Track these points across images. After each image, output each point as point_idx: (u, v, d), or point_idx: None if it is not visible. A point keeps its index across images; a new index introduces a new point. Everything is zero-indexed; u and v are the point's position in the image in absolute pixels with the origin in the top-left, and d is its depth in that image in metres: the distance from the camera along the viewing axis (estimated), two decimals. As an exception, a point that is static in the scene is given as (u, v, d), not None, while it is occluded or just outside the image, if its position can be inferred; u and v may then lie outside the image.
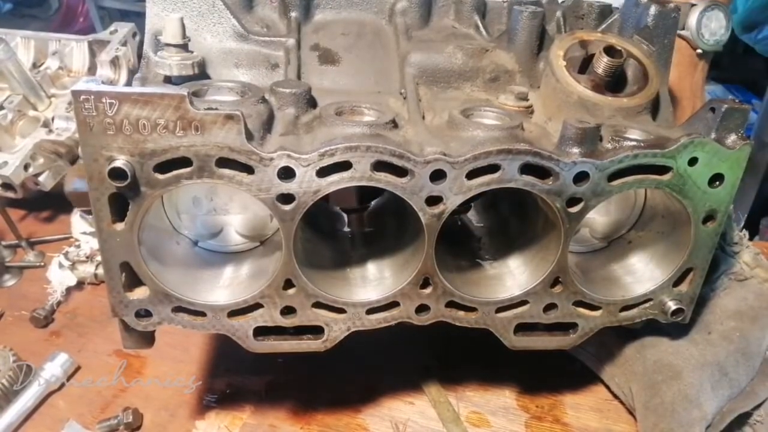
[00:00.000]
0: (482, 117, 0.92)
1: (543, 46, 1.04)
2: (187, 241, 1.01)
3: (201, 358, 1.22)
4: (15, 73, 1.49)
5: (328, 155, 0.78)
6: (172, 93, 0.72)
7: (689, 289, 0.99)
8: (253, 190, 0.79)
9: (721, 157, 0.85)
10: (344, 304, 0.92)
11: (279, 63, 1.00)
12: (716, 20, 1.34)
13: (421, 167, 0.80)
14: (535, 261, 0.98)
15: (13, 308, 1.35)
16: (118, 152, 0.75)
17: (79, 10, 4.61)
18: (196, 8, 0.98)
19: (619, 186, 0.86)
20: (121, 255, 0.83)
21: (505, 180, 0.83)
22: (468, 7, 1.09)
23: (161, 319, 0.89)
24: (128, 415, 1.07)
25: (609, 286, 1.00)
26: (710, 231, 0.92)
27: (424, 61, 1.01)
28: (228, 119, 0.74)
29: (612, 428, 1.12)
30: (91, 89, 0.71)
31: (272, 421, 1.11)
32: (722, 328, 1.09)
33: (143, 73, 0.95)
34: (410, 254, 0.94)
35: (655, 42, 1.02)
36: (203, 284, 0.93)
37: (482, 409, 1.15)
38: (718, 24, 1.35)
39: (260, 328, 0.92)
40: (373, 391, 1.17)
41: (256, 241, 1.04)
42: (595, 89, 0.96)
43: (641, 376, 1.07)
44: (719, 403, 1.02)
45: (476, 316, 0.96)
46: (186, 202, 0.99)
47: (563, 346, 1.03)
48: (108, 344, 1.26)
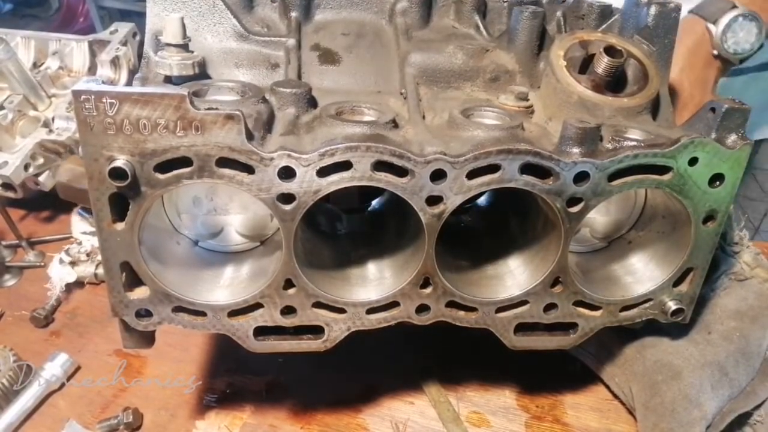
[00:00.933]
0: (482, 117, 0.92)
1: (543, 46, 1.04)
2: (188, 241, 1.01)
3: (201, 358, 1.22)
4: (15, 73, 1.49)
5: (329, 155, 0.78)
6: (172, 93, 0.72)
7: (689, 289, 0.99)
8: (253, 189, 0.79)
9: (721, 157, 0.85)
10: (344, 304, 0.92)
11: (279, 63, 1.00)
12: (746, 31, 1.28)
13: (421, 167, 0.80)
14: (535, 261, 0.98)
15: (13, 308, 1.35)
16: (119, 152, 0.75)
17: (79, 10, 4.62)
18: (196, 8, 0.98)
19: (620, 186, 0.86)
20: (121, 255, 0.83)
21: (506, 180, 0.83)
22: (468, 7, 1.09)
23: (161, 319, 0.89)
24: (128, 415, 1.07)
25: (609, 286, 1.00)
26: (710, 231, 0.92)
27: (425, 61, 1.01)
28: (228, 119, 0.74)
29: (612, 428, 1.12)
30: (91, 89, 0.71)
31: (272, 420, 1.11)
32: (722, 328, 1.09)
33: (143, 72, 0.94)
34: (410, 254, 0.94)
35: (655, 42, 1.02)
36: (203, 284, 0.93)
37: (482, 409, 1.15)
38: (747, 36, 1.29)
39: (260, 327, 0.92)
40: (373, 391, 1.17)
41: (257, 241, 1.04)
42: (596, 89, 0.96)
43: (641, 376, 1.07)
44: (719, 403, 1.02)
45: (476, 316, 0.96)
46: (186, 201, 0.99)
47: (563, 346, 1.03)
48: (108, 344, 1.26)
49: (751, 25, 1.28)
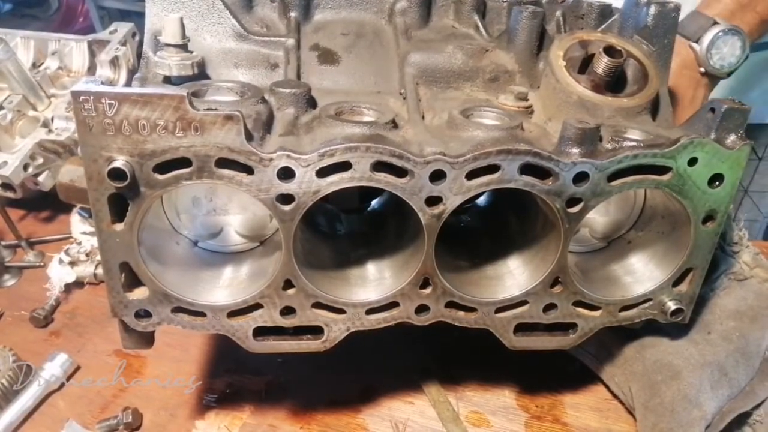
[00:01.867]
0: (482, 117, 0.92)
1: (543, 46, 1.04)
2: (187, 241, 1.01)
3: (201, 358, 1.22)
4: (15, 73, 1.49)
5: (328, 155, 0.78)
6: (171, 93, 0.72)
7: (689, 289, 0.99)
8: (252, 190, 0.79)
9: (720, 157, 0.85)
10: (344, 304, 0.92)
11: (279, 63, 1.00)
12: (730, 45, 1.30)
13: (420, 167, 0.80)
14: (534, 261, 0.98)
15: (12, 308, 1.35)
16: (118, 153, 0.75)
17: (78, 10, 4.62)
18: (195, 8, 0.98)
19: (619, 186, 0.86)
20: (120, 255, 0.83)
21: (505, 180, 0.83)
22: (468, 7, 1.09)
23: (161, 320, 0.89)
24: (128, 415, 1.07)
25: (608, 286, 1.00)
26: (710, 231, 0.92)
27: (424, 61, 1.01)
28: (227, 120, 0.74)
29: (611, 428, 1.12)
30: (90, 90, 0.71)
31: (272, 420, 1.11)
32: (722, 328, 1.09)
33: (143, 73, 0.94)
34: (410, 254, 0.94)
35: (654, 42, 1.02)
36: (203, 284, 0.93)
37: (482, 409, 1.15)
38: (732, 50, 1.30)
39: (260, 328, 0.92)
40: (372, 391, 1.17)
41: (256, 242, 1.04)
42: (595, 89, 0.96)
43: (641, 375, 1.07)
44: (719, 403, 1.02)
45: (476, 317, 0.96)
46: (185, 202, 0.99)
47: (563, 346, 1.03)
48: (108, 344, 1.26)
49: (733, 39, 1.30)
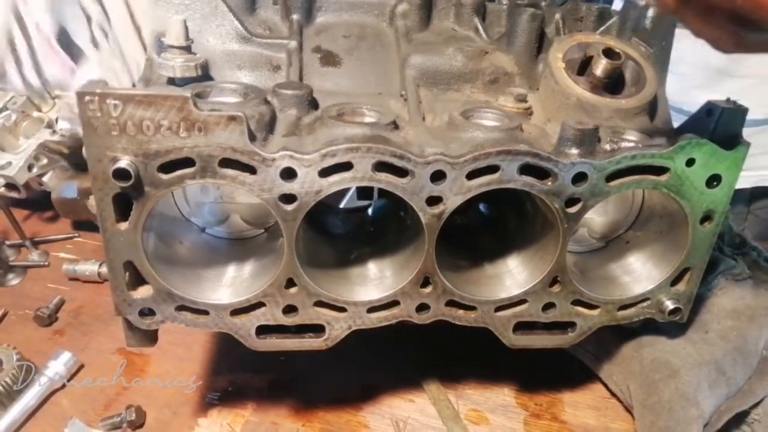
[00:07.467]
0: (482, 118, 0.93)
1: (542, 48, 1.05)
2: (190, 240, 1.02)
3: (203, 356, 1.23)
4: (19, 74, 1.50)
5: (330, 156, 0.79)
6: (175, 94, 0.73)
7: (687, 288, 1.00)
8: (255, 190, 0.80)
9: (718, 158, 0.86)
10: (345, 303, 0.93)
11: (281, 65, 1.01)
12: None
13: (421, 168, 0.81)
14: (534, 261, 0.99)
15: (16, 307, 1.36)
16: (122, 153, 0.76)
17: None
18: (199, 10, 0.99)
19: (618, 186, 0.87)
20: (124, 254, 0.84)
21: (505, 180, 0.84)
22: (468, 10, 1.10)
23: (164, 318, 0.90)
24: (131, 412, 1.07)
25: (607, 286, 1.01)
26: (708, 231, 0.93)
27: (425, 63, 1.02)
28: (231, 120, 0.75)
29: (610, 426, 1.13)
30: (95, 90, 0.72)
31: (274, 418, 1.12)
32: (719, 327, 1.10)
33: (146, 74, 0.95)
34: (410, 254, 0.95)
35: (652, 44, 1.03)
36: (206, 283, 0.94)
37: (481, 407, 1.16)
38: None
39: (262, 326, 0.93)
40: (373, 389, 1.18)
41: (261, 228, 1.06)
42: (594, 91, 0.96)
43: (639, 374, 1.08)
44: (717, 402, 1.03)
45: (476, 315, 0.97)
46: (194, 189, 1.02)
47: (562, 345, 1.04)
48: (111, 343, 1.27)
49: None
